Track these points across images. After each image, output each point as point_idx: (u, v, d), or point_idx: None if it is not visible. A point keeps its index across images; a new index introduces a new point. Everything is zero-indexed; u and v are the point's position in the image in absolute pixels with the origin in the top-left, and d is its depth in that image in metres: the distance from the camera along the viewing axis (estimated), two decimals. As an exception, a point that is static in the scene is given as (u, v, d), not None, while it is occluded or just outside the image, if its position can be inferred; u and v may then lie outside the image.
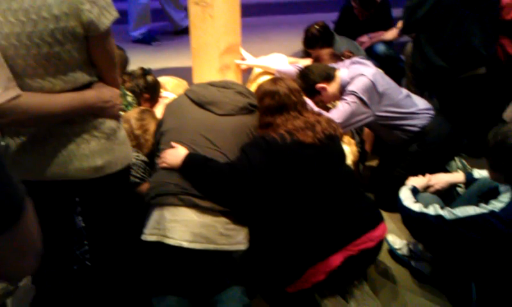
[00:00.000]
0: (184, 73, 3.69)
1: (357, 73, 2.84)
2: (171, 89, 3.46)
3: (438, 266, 2.47)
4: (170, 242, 2.06)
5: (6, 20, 1.51)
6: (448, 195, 2.70)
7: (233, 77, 3.19)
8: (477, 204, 2.18)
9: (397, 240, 2.70)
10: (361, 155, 3.26)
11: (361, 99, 2.77)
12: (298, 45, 4.10)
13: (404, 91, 2.98)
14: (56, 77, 1.62)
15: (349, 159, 2.97)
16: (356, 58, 3.11)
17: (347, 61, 3.07)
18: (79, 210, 2.03)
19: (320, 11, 6.06)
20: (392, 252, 2.70)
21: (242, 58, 3.27)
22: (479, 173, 2.55)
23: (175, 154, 2.21)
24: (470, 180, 2.56)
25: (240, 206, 2.19)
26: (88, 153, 1.73)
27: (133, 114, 2.64)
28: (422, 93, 3.39)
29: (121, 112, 2.88)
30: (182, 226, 2.07)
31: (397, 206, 2.42)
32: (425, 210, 2.24)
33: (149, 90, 3.11)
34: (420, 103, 3.00)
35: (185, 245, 2.05)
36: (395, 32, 3.80)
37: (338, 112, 2.78)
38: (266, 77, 3.10)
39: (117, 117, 1.83)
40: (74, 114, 1.68)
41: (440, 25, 3.11)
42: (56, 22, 1.53)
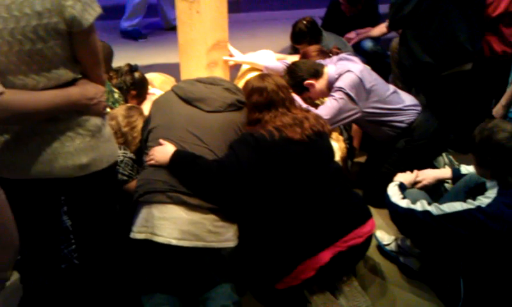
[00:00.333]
0: (172, 70, 3.67)
1: (344, 70, 2.85)
2: (159, 86, 3.44)
3: (426, 262, 2.49)
4: (159, 239, 2.05)
5: None
6: (435, 191, 2.73)
7: (220, 73, 3.17)
8: (464, 200, 2.20)
9: (385, 235, 2.72)
10: (350, 151, 3.27)
11: (348, 95, 2.78)
12: (286, 41, 4.10)
13: (391, 88, 2.99)
14: (39, 74, 1.60)
15: (338, 155, 2.97)
16: (343, 54, 3.12)
17: (335, 58, 3.08)
18: (65, 209, 2.01)
19: (308, 8, 6.05)
20: (381, 248, 2.71)
21: (230, 54, 3.26)
22: (466, 169, 2.57)
23: (163, 151, 2.20)
24: (457, 175, 2.58)
25: (229, 203, 2.18)
26: (73, 151, 1.71)
27: (120, 111, 2.62)
28: (409, 89, 3.41)
29: (108, 109, 2.87)
30: (170, 224, 2.06)
31: (385, 203, 2.43)
32: (412, 206, 2.25)
33: (136, 87, 3.09)
34: (407, 99, 3.02)
35: (174, 242, 2.04)
36: (383, 29, 3.81)
37: (326, 108, 2.78)
38: (254, 74, 3.09)
39: (102, 114, 1.81)
40: (58, 112, 1.66)
41: (426, 21, 3.13)
42: (39, 19, 1.51)
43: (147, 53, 4.79)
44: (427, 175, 2.59)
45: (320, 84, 2.92)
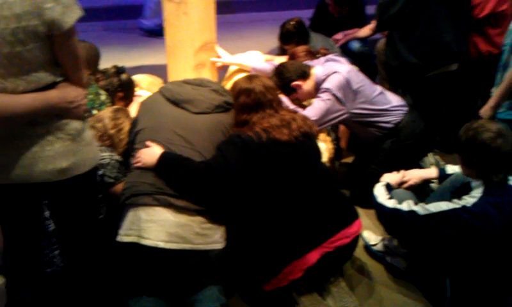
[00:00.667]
0: (159, 71, 3.66)
1: (332, 71, 2.85)
2: (146, 87, 3.42)
3: (413, 261, 2.50)
4: (146, 242, 2.04)
5: None
6: (422, 191, 2.74)
7: (208, 74, 3.17)
8: (450, 200, 2.22)
9: (372, 236, 2.73)
10: (337, 152, 3.28)
11: (336, 96, 2.78)
12: (274, 42, 4.10)
13: (378, 88, 3.01)
14: (19, 77, 1.59)
15: (325, 156, 2.98)
16: (330, 55, 3.13)
17: (322, 59, 3.09)
18: (47, 214, 1.99)
19: (295, 9, 6.07)
20: (368, 248, 2.72)
21: (218, 56, 3.26)
22: (451, 169, 2.59)
23: (150, 153, 2.19)
24: (443, 175, 2.60)
25: (217, 205, 2.18)
26: (53, 155, 1.70)
27: (107, 113, 2.60)
28: (395, 90, 3.43)
29: (95, 111, 2.85)
30: (157, 226, 2.05)
31: (372, 203, 2.44)
32: (398, 206, 2.27)
33: (123, 89, 3.07)
34: (393, 100, 3.04)
35: (161, 245, 2.03)
36: (370, 30, 3.83)
37: (314, 109, 2.79)
38: (242, 75, 3.09)
39: (82, 117, 1.80)
40: (37, 115, 1.65)
41: (413, 22, 3.15)
42: (18, 21, 1.50)
43: (135, 54, 4.78)
44: (414, 175, 2.61)
45: (307, 85, 2.93)
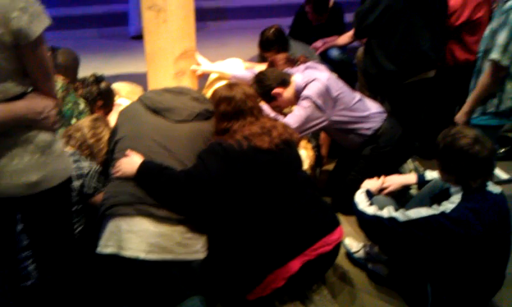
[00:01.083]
0: (139, 79, 3.64)
1: (311, 78, 2.87)
2: (126, 96, 3.40)
3: (394, 268, 2.52)
4: (126, 253, 2.02)
5: None
6: (402, 196, 2.77)
7: (188, 82, 3.16)
8: (429, 206, 2.24)
9: (353, 243, 2.74)
10: (318, 159, 3.29)
11: (315, 104, 2.80)
12: (254, 50, 4.11)
13: (357, 95, 3.03)
14: None
15: (306, 163, 3.00)
16: (310, 63, 3.15)
17: (301, 66, 3.10)
18: (21, 227, 1.95)
19: (275, 16, 6.11)
20: (349, 255, 2.73)
21: (198, 63, 3.25)
22: (430, 175, 2.62)
23: (130, 162, 2.17)
24: (422, 181, 2.63)
25: (198, 214, 2.17)
26: (22, 169, 1.66)
27: (86, 122, 2.58)
28: (374, 97, 3.46)
29: (74, 120, 2.82)
30: (138, 237, 2.03)
31: (353, 210, 2.45)
32: (378, 213, 2.28)
33: (102, 97, 3.04)
34: (372, 106, 3.07)
35: (142, 256, 2.01)
36: (349, 37, 3.86)
37: (294, 117, 2.80)
38: (222, 83, 3.09)
39: (52, 129, 1.76)
40: (4, 127, 1.61)
41: (390, 30, 3.18)
42: None
43: (114, 62, 4.75)
44: (393, 181, 2.63)
45: (287, 92, 2.93)
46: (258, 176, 2.21)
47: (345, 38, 3.96)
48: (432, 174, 2.61)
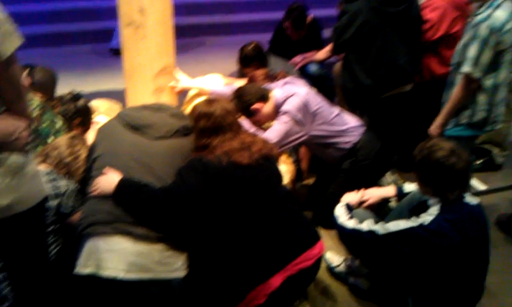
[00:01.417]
0: (118, 96, 3.62)
1: (290, 93, 2.89)
2: (104, 113, 3.37)
3: (375, 281, 2.52)
4: (105, 273, 1.99)
5: None
6: (381, 209, 2.79)
7: (168, 99, 3.15)
8: (408, 218, 2.26)
9: (335, 257, 2.75)
10: (298, 174, 3.30)
11: (295, 118, 2.81)
12: (234, 65, 4.13)
13: (335, 110, 3.06)
14: None
15: (286, 178, 3.00)
16: (289, 78, 3.17)
17: (280, 81, 3.12)
18: None
19: (255, 32, 6.15)
20: (331, 269, 2.73)
21: (177, 80, 3.25)
22: (409, 187, 2.65)
23: (108, 180, 2.14)
24: (401, 193, 2.65)
25: (178, 231, 2.15)
26: None
27: (63, 140, 2.55)
28: (353, 111, 3.49)
29: (51, 138, 2.78)
30: (116, 256, 2.00)
31: (333, 224, 2.46)
32: (358, 227, 2.29)
33: (80, 115, 3.01)
34: (351, 120, 3.10)
35: (121, 275, 1.98)
36: (327, 53, 3.91)
37: (274, 132, 2.81)
38: (201, 99, 3.08)
39: (24, 150, 1.72)
40: None
41: (367, 45, 3.23)
42: None
43: (93, 79, 4.72)
44: (373, 194, 2.65)
45: (267, 107, 2.95)
46: (238, 191, 2.20)
47: (323, 53, 4.00)
48: (410, 187, 2.63)
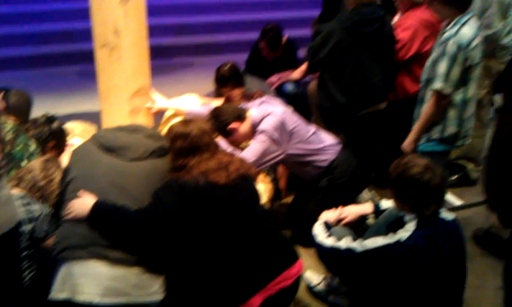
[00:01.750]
0: (93, 118, 3.59)
1: (267, 113, 2.91)
2: (79, 135, 3.34)
3: (355, 299, 2.52)
4: (80, 298, 1.95)
5: None
6: (359, 226, 2.80)
7: (144, 120, 3.13)
8: (385, 234, 2.27)
9: (314, 276, 2.74)
10: (276, 192, 3.31)
11: (272, 138, 2.83)
12: (210, 86, 4.14)
13: (312, 128, 3.08)
14: None
15: (265, 197, 3.00)
16: (265, 97, 3.19)
17: (257, 101, 3.14)
18: None
19: (231, 52, 6.19)
20: (310, 288, 2.72)
21: (153, 101, 3.23)
22: (386, 204, 2.67)
23: (82, 203, 2.11)
24: (378, 210, 2.67)
25: (155, 254, 2.12)
26: None
27: (36, 164, 2.51)
28: (330, 129, 3.52)
29: (25, 161, 2.74)
30: (92, 281, 1.97)
31: (312, 242, 2.46)
32: (336, 244, 2.29)
33: (54, 137, 2.97)
34: (327, 139, 3.12)
35: (97, 300, 1.95)
36: (302, 72, 3.95)
37: (251, 151, 2.81)
38: (178, 119, 3.08)
39: None
40: None
41: (342, 64, 3.27)
42: None
43: (68, 101, 4.67)
44: (350, 212, 2.66)
45: (244, 127, 2.95)
46: (215, 212, 2.19)
47: (299, 73, 4.04)
48: (387, 203, 2.66)
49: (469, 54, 2.69)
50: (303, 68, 3.89)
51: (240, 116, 2.95)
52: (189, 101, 3.51)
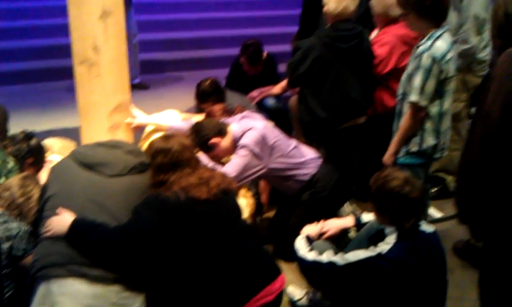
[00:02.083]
0: (72, 134, 3.55)
1: (248, 127, 2.92)
2: (58, 152, 3.29)
3: (337, 312, 2.52)
4: (60, 317, 1.92)
5: None
6: (341, 240, 2.81)
7: (124, 136, 3.11)
8: (367, 247, 2.28)
9: (296, 290, 2.74)
10: (258, 207, 3.30)
11: (253, 152, 2.83)
12: (191, 101, 4.14)
13: (293, 143, 3.10)
14: None
15: (246, 212, 2.99)
16: (246, 112, 3.20)
17: (238, 116, 3.15)
18: None
19: (212, 68, 6.20)
20: (293, 303, 2.71)
21: (133, 116, 3.22)
22: (367, 217, 2.68)
23: (61, 221, 2.09)
24: (359, 223, 2.68)
25: (135, 271, 2.10)
26: None
27: (14, 181, 2.49)
28: (311, 143, 3.55)
29: (3, 179, 2.70)
30: (71, 299, 1.95)
31: (294, 257, 2.46)
32: (318, 258, 2.29)
33: (32, 154, 2.94)
34: (308, 153, 3.14)
35: (76, 319, 1.91)
36: (283, 87, 3.98)
37: (232, 166, 2.81)
38: (158, 135, 3.06)
39: None
40: None
41: (321, 79, 3.31)
42: None
43: (46, 118, 4.62)
44: (332, 225, 2.67)
45: (225, 142, 2.96)
46: (196, 227, 2.18)
47: (279, 88, 4.07)
48: (368, 217, 2.67)
49: (444, 67, 2.74)
50: (284, 83, 3.92)
51: (221, 131, 2.96)
52: (170, 116, 3.49)
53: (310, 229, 2.62)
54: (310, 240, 2.52)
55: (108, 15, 2.82)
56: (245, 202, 3.06)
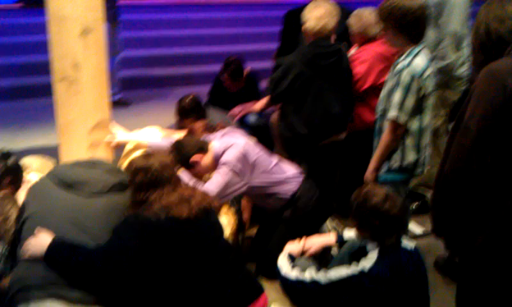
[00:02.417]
0: (51, 153, 3.50)
1: (229, 144, 2.91)
2: (37, 170, 3.24)
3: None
4: (36, 342, 1.87)
5: None
6: (324, 257, 2.80)
7: (103, 154, 3.07)
8: (349, 264, 2.28)
9: (279, 308, 2.72)
10: (240, 225, 3.28)
11: (234, 169, 2.82)
12: (173, 118, 4.12)
13: (274, 159, 3.10)
14: None
15: (228, 230, 2.97)
16: (227, 129, 3.20)
17: (219, 133, 3.14)
18: None
19: (194, 84, 6.21)
20: (276, 321, 2.69)
21: (113, 134, 3.19)
22: (348, 234, 2.69)
23: (39, 242, 2.05)
24: (341, 240, 2.68)
25: (114, 293, 2.06)
26: None
27: (-9, 201, 2.42)
28: (292, 159, 3.55)
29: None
30: (49, 323, 1.89)
31: (277, 275, 2.45)
32: (301, 277, 2.29)
33: (10, 173, 2.87)
34: (289, 169, 3.15)
35: (53, 343, 1.87)
36: (264, 104, 3.99)
37: (213, 183, 2.80)
38: (139, 152, 3.04)
39: None
40: None
41: (302, 95, 3.34)
42: None
43: (25, 136, 4.56)
44: (314, 243, 2.66)
45: (206, 159, 2.94)
46: (177, 247, 2.16)
47: (261, 104, 4.07)
48: (350, 233, 2.68)
49: (423, 83, 2.78)
50: (266, 99, 3.93)
51: (202, 148, 2.95)
52: (150, 134, 3.47)
53: (293, 247, 2.61)
54: (292, 258, 2.51)
55: (89, 32, 2.81)
56: (226, 220, 3.05)
